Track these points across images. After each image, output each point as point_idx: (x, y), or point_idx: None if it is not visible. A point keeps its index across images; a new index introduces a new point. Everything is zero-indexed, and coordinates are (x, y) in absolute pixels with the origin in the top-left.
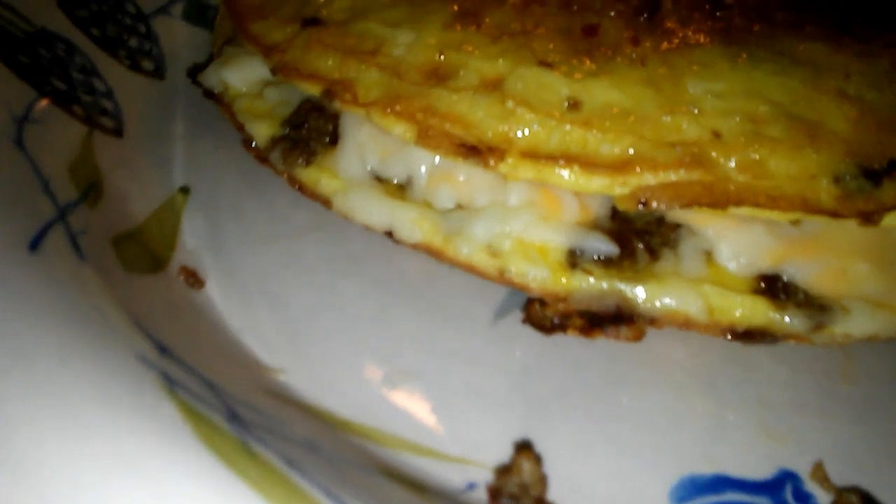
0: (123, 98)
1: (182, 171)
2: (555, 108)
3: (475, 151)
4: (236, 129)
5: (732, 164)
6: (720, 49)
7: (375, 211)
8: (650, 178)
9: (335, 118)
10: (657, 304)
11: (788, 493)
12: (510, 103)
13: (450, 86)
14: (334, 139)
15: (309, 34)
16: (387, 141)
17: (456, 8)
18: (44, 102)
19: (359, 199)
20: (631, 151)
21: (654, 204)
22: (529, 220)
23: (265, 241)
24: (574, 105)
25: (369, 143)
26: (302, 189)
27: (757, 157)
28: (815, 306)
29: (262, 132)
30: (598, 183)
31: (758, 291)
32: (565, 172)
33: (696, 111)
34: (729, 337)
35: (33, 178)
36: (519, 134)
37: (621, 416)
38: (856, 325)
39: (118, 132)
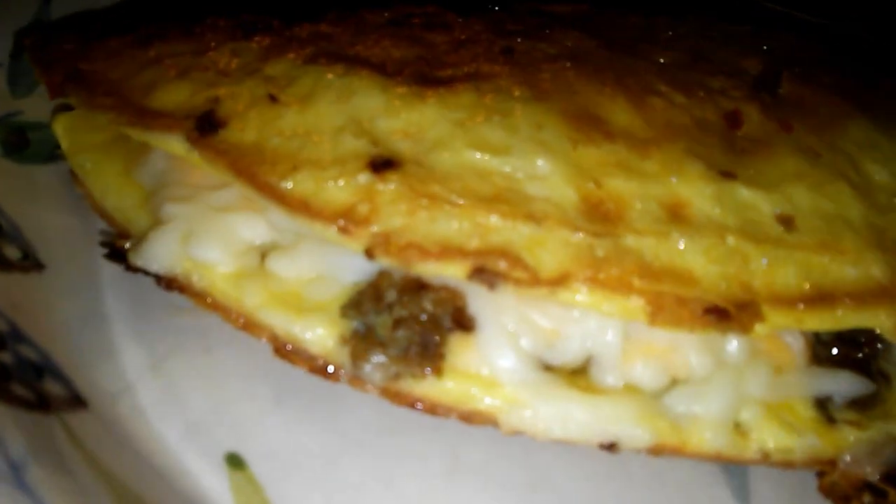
0: (37, 333)
1: (204, 432)
2: (769, 231)
3: (725, 316)
4: (240, 328)
5: None
6: (866, 120)
7: (582, 420)
8: None
9: (454, 296)
10: None
11: None
12: (730, 239)
13: (636, 227)
14: (460, 325)
15: (395, 184)
16: (543, 317)
17: (564, 114)
18: None
19: (549, 409)
20: (876, 270)
21: None
22: (766, 377)
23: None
24: (787, 222)
25: (521, 325)
26: (425, 407)
27: None
28: None
29: (321, 334)
30: (873, 318)
31: None
32: (828, 314)
33: None
34: None
35: None
36: (753, 276)
37: None
38: None
39: (78, 399)
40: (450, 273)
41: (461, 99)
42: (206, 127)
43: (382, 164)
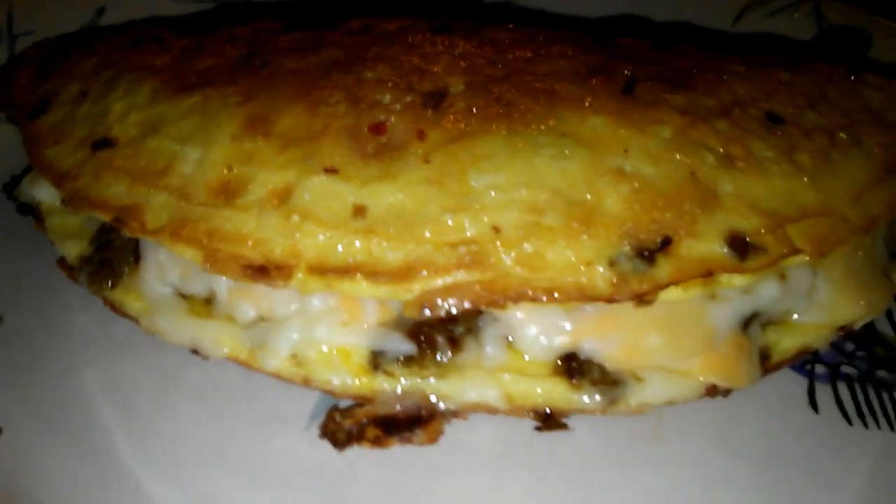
0: None
1: None
2: (341, 218)
3: (263, 272)
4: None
5: (511, 260)
6: (503, 138)
7: (179, 330)
8: (434, 282)
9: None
10: (458, 398)
11: None
12: (296, 217)
13: (237, 204)
14: (138, 258)
15: (100, 158)
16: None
17: (246, 115)
18: None
19: (163, 319)
20: (413, 256)
21: (438, 308)
22: (331, 327)
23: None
24: (359, 212)
25: (168, 262)
26: (114, 309)
27: (533, 248)
28: (610, 381)
29: (72, 251)
30: (384, 291)
31: (557, 373)
32: (352, 284)
33: (477, 207)
34: (532, 419)
35: None
36: (307, 248)
37: None
38: (651, 393)
39: None
40: (101, 218)
41: (190, 100)
42: (34, 113)
43: (101, 144)
